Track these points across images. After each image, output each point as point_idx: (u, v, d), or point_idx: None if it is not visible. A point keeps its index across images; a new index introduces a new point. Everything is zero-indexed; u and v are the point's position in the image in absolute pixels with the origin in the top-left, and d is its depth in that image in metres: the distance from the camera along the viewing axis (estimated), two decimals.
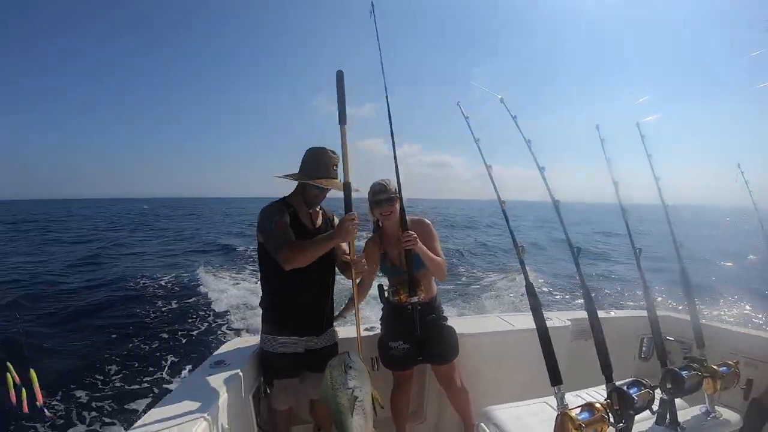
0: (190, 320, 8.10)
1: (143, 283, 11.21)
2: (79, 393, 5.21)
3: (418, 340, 2.34)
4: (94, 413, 4.74)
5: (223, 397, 1.81)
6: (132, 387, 5.36)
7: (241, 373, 2.08)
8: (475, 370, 2.67)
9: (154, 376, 5.67)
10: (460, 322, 2.63)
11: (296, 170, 2.25)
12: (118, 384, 5.45)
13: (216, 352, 2.38)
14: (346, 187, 1.97)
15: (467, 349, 2.57)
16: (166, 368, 5.92)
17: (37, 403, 1.80)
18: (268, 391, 2.40)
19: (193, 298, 9.65)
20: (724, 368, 1.57)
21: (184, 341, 7.01)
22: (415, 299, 2.27)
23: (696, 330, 1.73)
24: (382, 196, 2.34)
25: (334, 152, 2.20)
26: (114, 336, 7.26)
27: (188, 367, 5.84)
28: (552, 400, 1.72)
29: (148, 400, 4.98)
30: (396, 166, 2.29)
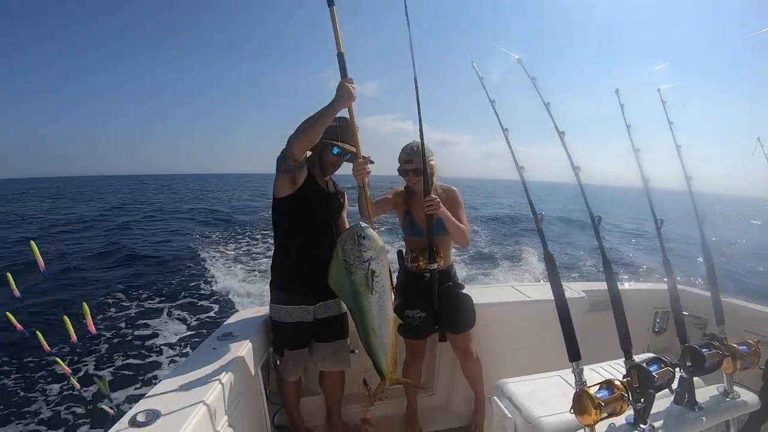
0: (198, 292, 8.14)
1: (153, 254, 11.39)
2: (85, 365, 5.23)
3: (435, 309, 2.32)
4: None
5: (232, 370, 1.77)
6: (139, 361, 5.37)
7: (249, 345, 2.04)
8: (487, 341, 2.62)
9: (163, 351, 5.67)
10: (473, 291, 2.56)
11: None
12: (125, 359, 5.44)
13: (224, 324, 2.34)
14: (340, 58, 1.85)
15: (480, 319, 2.53)
16: (176, 341, 5.93)
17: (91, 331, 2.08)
18: (278, 362, 2.37)
19: (200, 270, 9.75)
20: (744, 347, 1.49)
21: (193, 314, 7.02)
22: (434, 266, 2.25)
23: (716, 306, 1.65)
24: (410, 166, 2.31)
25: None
26: (122, 307, 7.31)
27: (197, 339, 5.84)
28: (566, 374, 1.66)
29: (156, 373, 5.02)
30: (421, 132, 2.23)
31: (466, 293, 2.48)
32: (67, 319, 2.05)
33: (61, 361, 2.25)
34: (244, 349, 1.98)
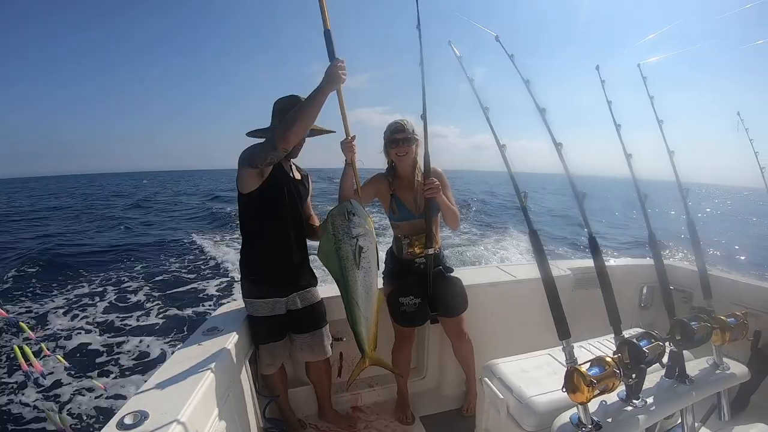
0: (184, 287, 8.08)
1: (140, 251, 11.32)
2: (74, 362, 5.13)
3: (430, 295, 2.30)
4: (87, 384, 4.63)
5: (219, 364, 1.73)
6: (126, 359, 5.28)
7: (234, 338, 2.01)
8: (476, 322, 2.61)
9: (149, 347, 5.59)
10: (460, 272, 2.55)
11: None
12: (111, 356, 5.36)
13: (209, 318, 2.31)
14: (327, 36, 1.78)
15: (469, 302, 2.51)
16: (163, 338, 5.85)
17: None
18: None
19: (185, 264, 9.76)
20: (732, 319, 1.49)
21: (178, 310, 6.93)
22: (431, 251, 2.24)
23: (703, 279, 1.65)
24: (400, 135, 2.27)
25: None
26: (108, 302, 7.22)
27: (183, 335, 5.80)
28: (556, 352, 1.66)
29: (142, 371, 4.93)
30: (424, 110, 2.16)
31: (456, 276, 2.48)
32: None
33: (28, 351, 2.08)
34: (230, 343, 1.95)
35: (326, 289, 2.48)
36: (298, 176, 2.27)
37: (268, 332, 2.21)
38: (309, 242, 2.32)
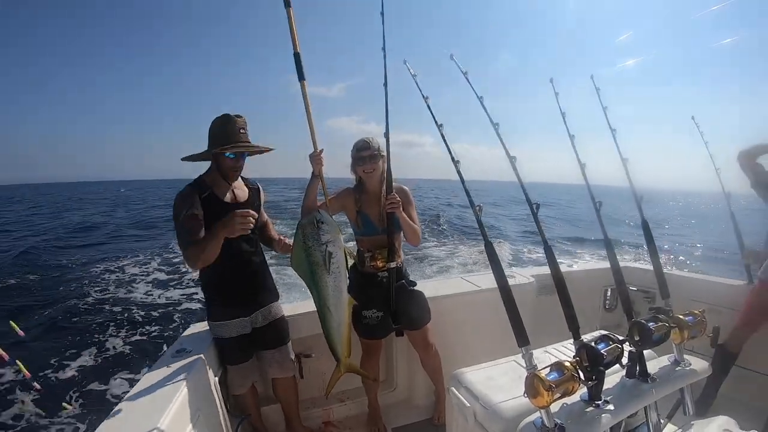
0: (148, 309, 7.84)
1: (100, 275, 10.82)
2: (38, 393, 4.88)
3: (393, 309, 2.32)
4: (52, 411, 4.50)
5: (189, 385, 1.73)
6: (93, 383, 5.14)
7: (203, 359, 2.01)
8: (443, 333, 2.65)
9: (117, 372, 5.43)
10: (424, 285, 2.61)
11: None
12: (77, 381, 5.21)
13: (178, 339, 2.30)
14: (297, 58, 1.89)
15: (435, 312, 2.55)
16: (130, 362, 5.71)
17: None
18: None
19: (149, 286, 9.44)
20: (690, 317, 1.55)
21: (144, 332, 6.78)
22: (393, 265, 2.27)
23: (660, 280, 1.71)
24: (366, 152, 2.32)
25: (239, 115, 2.09)
26: (70, 329, 6.95)
27: (150, 357, 5.65)
28: (520, 359, 1.69)
29: (111, 396, 4.81)
30: (387, 128, 2.24)
31: (418, 290, 2.51)
32: None
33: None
34: (199, 363, 1.95)
35: (290, 307, 2.52)
36: (244, 196, 2.25)
37: (236, 353, 2.22)
38: (273, 255, 2.34)
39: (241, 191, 2.25)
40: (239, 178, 2.24)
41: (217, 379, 2.15)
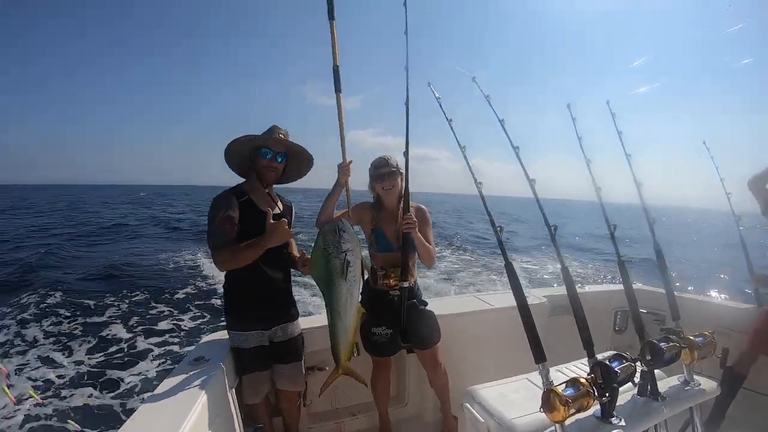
0: (168, 314, 7.93)
1: (135, 269, 11.12)
2: (60, 390, 5.05)
3: (403, 327, 2.33)
4: (75, 409, 4.60)
5: (205, 394, 1.77)
6: (112, 388, 5.20)
7: (221, 368, 2.04)
8: (454, 351, 2.68)
9: (137, 374, 5.51)
10: (437, 303, 2.64)
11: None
12: (97, 385, 5.26)
13: (195, 348, 2.34)
14: (336, 71, 1.97)
15: (447, 330, 2.58)
16: (148, 366, 5.77)
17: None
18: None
19: (174, 289, 9.56)
20: (700, 338, 1.60)
21: (163, 338, 6.82)
22: (405, 284, 2.28)
23: (671, 302, 1.76)
24: (384, 169, 2.35)
25: (280, 128, 2.21)
26: (94, 329, 7.06)
27: (169, 363, 5.75)
28: (533, 376, 1.74)
29: (130, 400, 4.86)
30: (407, 147, 2.25)
31: (429, 309, 2.51)
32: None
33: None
34: (216, 372, 1.98)
35: (306, 320, 2.55)
36: (279, 207, 2.32)
37: (253, 363, 2.24)
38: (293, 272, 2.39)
39: (278, 204, 2.32)
40: (276, 195, 2.32)
41: (233, 389, 2.18)
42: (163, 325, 7.34)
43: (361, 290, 2.57)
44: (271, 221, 1.94)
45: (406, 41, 2.13)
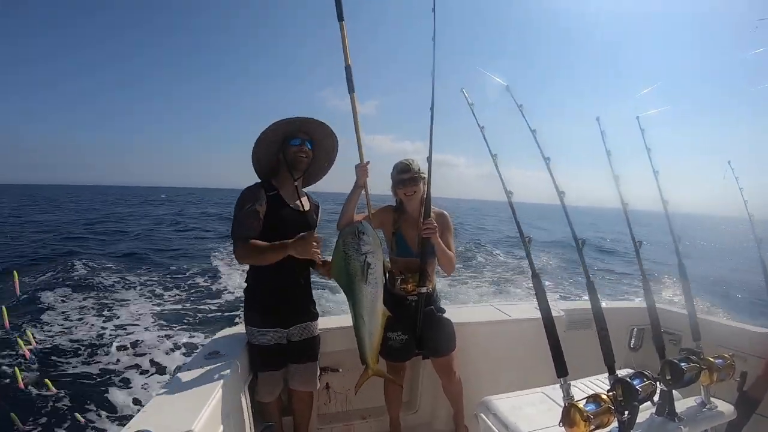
0: (186, 307, 8.07)
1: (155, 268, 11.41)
2: (71, 379, 5.10)
3: (418, 334, 2.32)
4: (87, 404, 4.59)
5: (219, 388, 1.77)
6: (125, 377, 5.25)
7: (236, 363, 2.05)
8: (470, 360, 2.67)
9: (150, 368, 5.56)
10: (455, 311, 2.62)
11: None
12: (109, 373, 5.33)
13: (210, 341, 2.35)
14: (348, 71, 1.95)
15: (463, 338, 2.56)
16: (161, 357, 5.83)
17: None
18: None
19: (190, 283, 9.80)
20: (720, 360, 1.58)
21: (179, 330, 6.90)
22: (423, 290, 2.27)
23: (692, 322, 1.74)
24: (406, 175, 2.34)
25: None
26: (108, 320, 7.16)
27: (184, 356, 5.82)
28: (549, 390, 1.73)
29: (143, 392, 4.90)
30: (430, 153, 2.24)
31: (447, 317, 2.49)
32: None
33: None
34: (230, 367, 1.98)
35: (323, 320, 2.52)
36: (307, 206, 2.31)
37: (269, 361, 2.23)
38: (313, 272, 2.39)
39: (305, 201, 2.31)
40: (305, 193, 2.32)
41: (246, 385, 2.19)
42: (178, 315, 7.49)
43: None
44: (308, 233, 1.94)
45: (433, 47, 2.08)
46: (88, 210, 35.74)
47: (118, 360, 5.65)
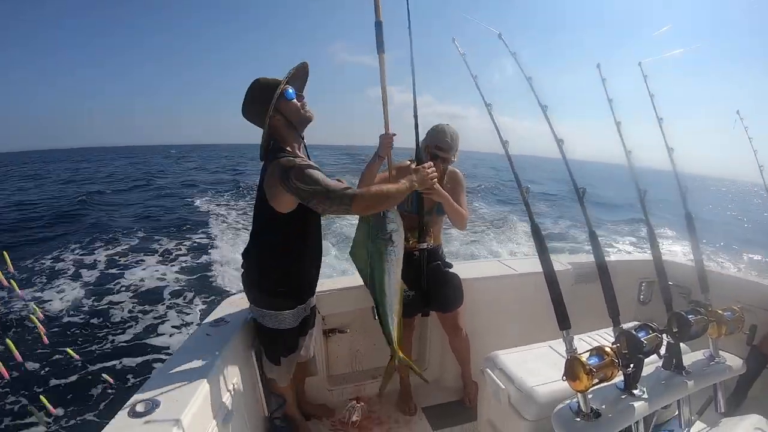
0: (191, 275, 8.03)
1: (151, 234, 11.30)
2: (78, 351, 5.12)
3: (424, 288, 2.33)
4: (91, 374, 4.66)
5: (227, 355, 1.77)
6: (132, 347, 5.29)
7: (242, 330, 2.04)
8: (477, 316, 2.66)
9: (155, 335, 5.60)
10: (461, 267, 2.61)
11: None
12: (116, 344, 5.38)
13: (216, 309, 2.32)
14: (378, 27, 1.77)
15: (469, 294, 2.55)
16: (168, 326, 5.87)
17: None
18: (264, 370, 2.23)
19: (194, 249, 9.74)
20: (729, 313, 1.52)
21: (184, 299, 6.88)
22: (424, 245, 2.28)
23: (700, 274, 1.68)
24: (442, 154, 2.32)
25: None
26: (111, 289, 7.17)
27: (189, 324, 5.87)
28: (556, 344, 1.71)
29: (150, 360, 4.95)
30: (415, 104, 2.18)
31: (453, 272, 2.51)
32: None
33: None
34: (237, 334, 1.97)
35: (327, 282, 2.52)
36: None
37: (294, 342, 2.10)
38: None
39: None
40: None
41: (253, 351, 2.15)
42: (181, 286, 7.44)
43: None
44: (417, 166, 1.88)
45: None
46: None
47: (125, 326, 5.73)
